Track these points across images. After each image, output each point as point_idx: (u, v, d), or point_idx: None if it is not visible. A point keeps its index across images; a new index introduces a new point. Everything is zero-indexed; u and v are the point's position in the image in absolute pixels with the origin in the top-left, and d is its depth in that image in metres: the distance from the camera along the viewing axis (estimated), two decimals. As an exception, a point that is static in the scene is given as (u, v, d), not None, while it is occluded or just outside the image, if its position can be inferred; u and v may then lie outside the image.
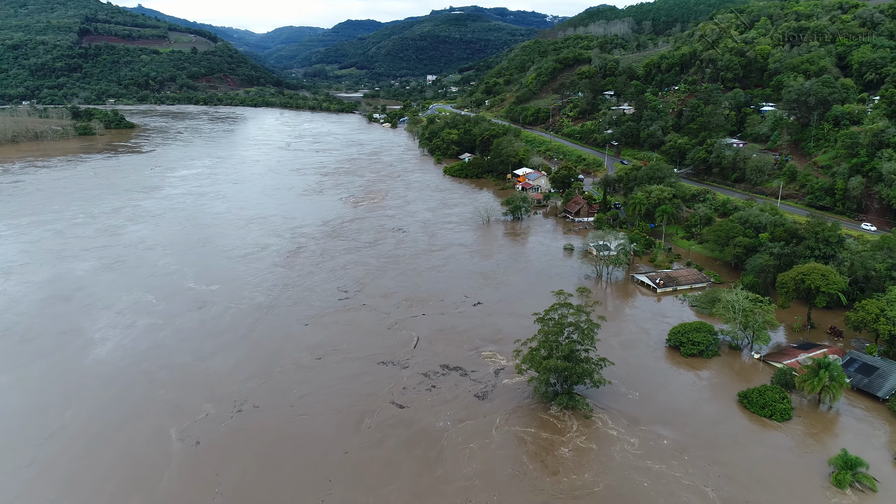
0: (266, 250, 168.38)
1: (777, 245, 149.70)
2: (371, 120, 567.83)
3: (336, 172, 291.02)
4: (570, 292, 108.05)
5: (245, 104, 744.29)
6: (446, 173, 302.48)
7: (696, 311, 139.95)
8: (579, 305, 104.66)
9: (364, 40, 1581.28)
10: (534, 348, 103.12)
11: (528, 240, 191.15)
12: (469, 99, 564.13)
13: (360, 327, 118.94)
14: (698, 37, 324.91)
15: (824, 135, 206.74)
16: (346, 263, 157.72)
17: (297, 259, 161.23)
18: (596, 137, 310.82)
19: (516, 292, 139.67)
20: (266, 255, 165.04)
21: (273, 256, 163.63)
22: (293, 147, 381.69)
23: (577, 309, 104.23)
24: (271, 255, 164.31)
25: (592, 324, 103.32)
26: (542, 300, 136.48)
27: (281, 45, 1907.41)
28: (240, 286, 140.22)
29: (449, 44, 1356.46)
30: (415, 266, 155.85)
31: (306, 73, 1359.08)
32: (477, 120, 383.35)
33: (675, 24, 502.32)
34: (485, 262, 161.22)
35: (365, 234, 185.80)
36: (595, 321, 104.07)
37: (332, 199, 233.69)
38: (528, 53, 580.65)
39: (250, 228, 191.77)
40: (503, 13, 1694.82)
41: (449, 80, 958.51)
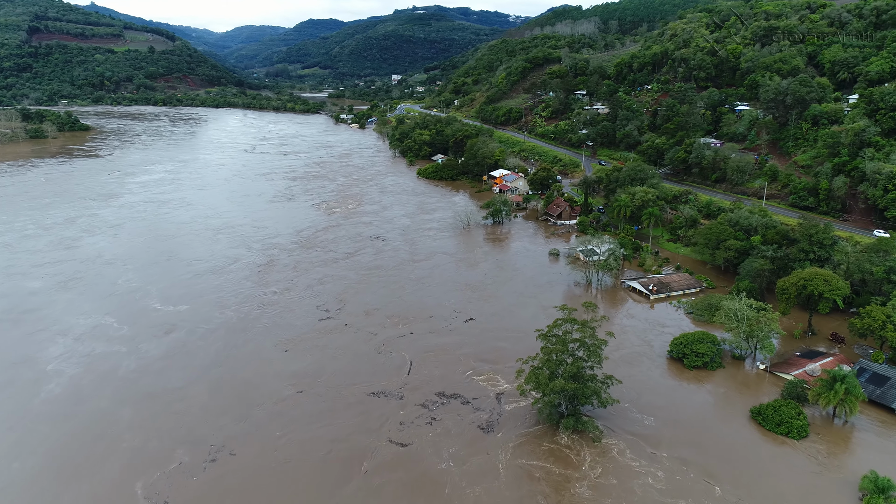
0: (237, 264, 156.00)
1: (770, 248, 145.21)
2: (338, 121, 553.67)
3: (306, 177, 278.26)
4: (573, 307, 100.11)
5: (206, 105, 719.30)
6: (420, 175, 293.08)
7: (694, 318, 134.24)
8: (584, 321, 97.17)
9: (327, 40, 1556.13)
10: (536, 367, 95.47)
11: (511, 245, 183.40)
12: (437, 99, 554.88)
13: (344, 351, 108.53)
14: (669, 36, 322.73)
15: (803, 134, 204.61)
16: (323, 277, 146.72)
17: (271, 273, 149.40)
18: (571, 138, 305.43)
19: (508, 305, 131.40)
20: (237, 269, 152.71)
21: (244, 271, 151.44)
22: (259, 150, 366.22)
23: (582, 324, 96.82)
24: (242, 270, 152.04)
25: (599, 340, 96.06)
26: (535, 313, 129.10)
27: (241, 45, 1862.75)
28: (210, 306, 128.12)
29: (413, 43, 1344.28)
30: (397, 278, 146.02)
31: (268, 72, 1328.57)
32: (449, 120, 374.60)
33: (642, 24, 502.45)
34: (471, 271, 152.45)
35: (342, 243, 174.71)
36: (602, 337, 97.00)
37: (304, 205, 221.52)
38: (495, 53, 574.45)
39: (218, 239, 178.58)
40: (466, 13, 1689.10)
41: (414, 79, 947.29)
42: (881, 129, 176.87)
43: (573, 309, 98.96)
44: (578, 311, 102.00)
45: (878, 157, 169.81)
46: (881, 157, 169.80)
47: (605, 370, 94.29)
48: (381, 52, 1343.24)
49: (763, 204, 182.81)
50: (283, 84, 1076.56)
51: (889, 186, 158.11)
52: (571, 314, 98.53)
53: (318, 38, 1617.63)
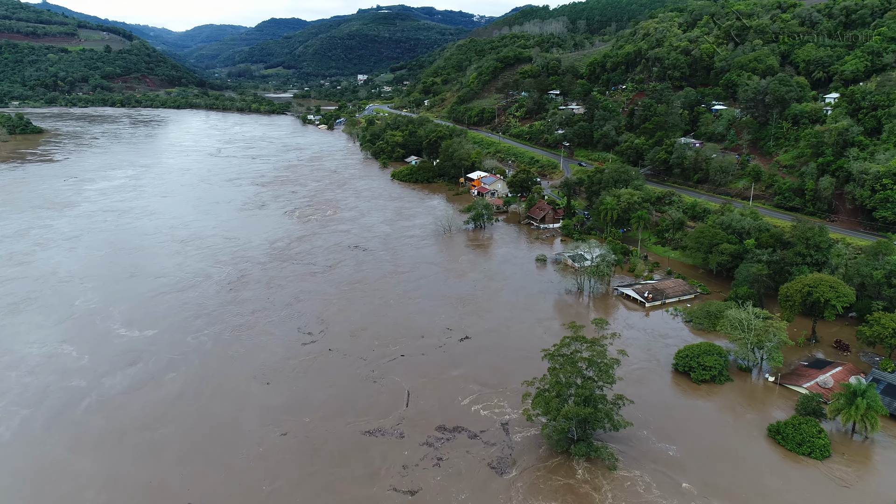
0: (207, 280, 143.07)
1: (765, 252, 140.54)
2: (305, 122, 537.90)
3: (276, 182, 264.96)
4: (581, 323, 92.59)
5: (167, 106, 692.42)
6: (394, 178, 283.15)
7: (693, 327, 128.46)
8: (594, 339, 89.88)
9: (290, 39, 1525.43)
10: (543, 389, 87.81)
11: (496, 252, 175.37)
12: (407, 99, 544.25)
13: (332, 382, 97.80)
14: (642, 35, 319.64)
15: (783, 133, 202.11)
16: (301, 294, 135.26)
17: (244, 291, 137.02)
18: (547, 138, 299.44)
19: (502, 319, 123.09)
20: (207, 286, 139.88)
21: (215, 288, 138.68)
22: (225, 153, 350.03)
23: (591, 342, 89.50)
24: (213, 287, 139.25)
25: (611, 360, 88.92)
26: (532, 327, 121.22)
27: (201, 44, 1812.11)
28: (179, 330, 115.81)
29: (378, 43, 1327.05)
30: (382, 293, 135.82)
31: (230, 72, 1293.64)
32: (421, 121, 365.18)
33: (610, 24, 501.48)
34: (459, 283, 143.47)
35: (319, 254, 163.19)
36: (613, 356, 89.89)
37: (276, 213, 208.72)
38: (464, 52, 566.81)
39: (186, 253, 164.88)
40: (431, 12, 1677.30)
41: (381, 79, 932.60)
42: (864, 128, 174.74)
43: (581, 326, 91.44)
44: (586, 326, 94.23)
45: (863, 156, 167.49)
46: (865, 156, 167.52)
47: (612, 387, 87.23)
48: (346, 51, 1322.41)
49: (745, 205, 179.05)
50: (246, 84, 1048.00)
51: (876, 186, 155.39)
52: (580, 331, 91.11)
53: (281, 37, 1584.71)
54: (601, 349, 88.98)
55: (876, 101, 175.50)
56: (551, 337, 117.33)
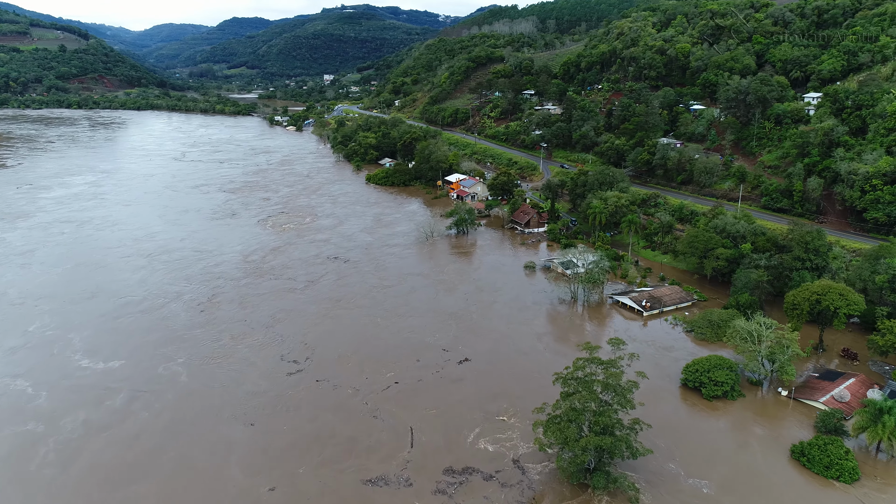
0: (178, 301, 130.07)
1: (762, 257, 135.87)
2: (273, 123, 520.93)
3: (246, 188, 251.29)
4: (597, 344, 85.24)
5: (127, 107, 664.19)
6: (370, 181, 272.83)
7: (695, 337, 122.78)
8: (611, 360, 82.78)
9: (253, 38, 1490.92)
10: (555, 416, 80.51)
11: (483, 259, 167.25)
12: (376, 99, 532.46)
13: (325, 419, 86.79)
14: (616, 35, 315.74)
15: (766, 133, 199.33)
16: (281, 314, 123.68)
17: (219, 311, 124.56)
18: (524, 139, 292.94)
19: (500, 337, 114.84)
20: (178, 307, 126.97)
21: (187, 310, 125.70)
22: (190, 157, 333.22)
23: (607, 364, 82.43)
24: (185, 309, 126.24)
25: (629, 383, 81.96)
26: (533, 345, 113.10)
27: (161, 44, 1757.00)
28: (150, 360, 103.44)
29: (344, 42, 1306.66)
30: (368, 310, 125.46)
31: (192, 73, 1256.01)
32: (394, 122, 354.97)
33: (580, 23, 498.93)
34: (450, 297, 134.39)
35: (297, 268, 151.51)
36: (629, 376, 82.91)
37: (249, 222, 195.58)
38: (433, 52, 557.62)
39: (153, 269, 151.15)
40: (396, 12, 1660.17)
41: (348, 79, 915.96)
42: (849, 128, 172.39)
43: (597, 347, 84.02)
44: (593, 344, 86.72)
45: (849, 156, 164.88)
46: (852, 156, 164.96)
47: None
48: (311, 51, 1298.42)
49: (739, 207, 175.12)
50: (208, 85, 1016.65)
51: (866, 187, 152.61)
52: (595, 352, 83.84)
53: (244, 37, 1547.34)
54: (618, 372, 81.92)
55: (860, 101, 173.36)
56: (553, 355, 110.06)
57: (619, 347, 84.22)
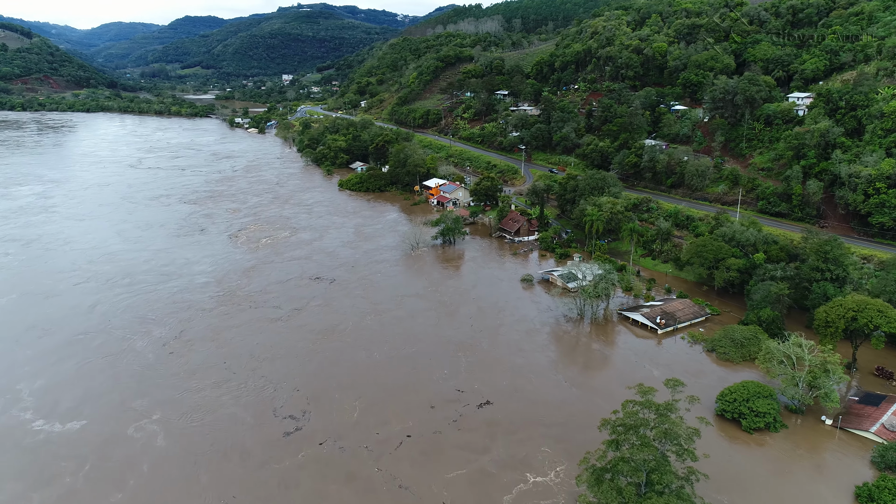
0: (145, 338, 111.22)
1: (777, 267, 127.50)
2: (233, 125, 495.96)
3: (211, 198, 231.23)
4: (650, 386, 73.82)
5: (76, 109, 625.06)
6: (343, 187, 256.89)
7: (718, 357, 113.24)
8: (667, 403, 71.85)
9: (208, 38, 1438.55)
10: (601, 469, 69.53)
11: (477, 274, 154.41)
12: (341, 100, 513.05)
13: (338, 496, 70.85)
14: (590, 34, 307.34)
15: (756, 135, 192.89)
16: (265, 352, 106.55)
17: (194, 351, 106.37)
18: (501, 141, 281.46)
19: (516, 370, 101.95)
20: (145, 347, 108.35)
21: (156, 350, 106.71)
22: (147, 164, 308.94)
23: (661, 409, 71.43)
24: (153, 348, 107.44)
25: (691, 430, 71.28)
26: (552, 376, 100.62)
27: (110, 43, 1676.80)
28: (117, 418, 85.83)
29: (302, 42, 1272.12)
30: (365, 343, 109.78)
31: (143, 73, 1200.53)
32: (364, 124, 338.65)
33: (547, 23, 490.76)
34: (452, 322, 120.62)
35: (277, 292, 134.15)
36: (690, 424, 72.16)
37: (219, 238, 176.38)
38: (398, 51, 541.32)
39: (113, 298, 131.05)
40: (353, 11, 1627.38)
41: (308, 79, 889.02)
42: (844, 129, 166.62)
43: (653, 389, 72.64)
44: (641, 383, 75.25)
45: (847, 158, 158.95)
46: (850, 158, 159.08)
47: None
48: (268, 50, 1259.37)
49: (737, 212, 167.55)
50: (162, 85, 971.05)
51: (869, 191, 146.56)
52: (650, 395, 72.59)
53: (198, 36, 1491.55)
54: (679, 420, 70.89)
55: (855, 101, 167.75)
56: (579, 390, 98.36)
57: (676, 389, 72.99)
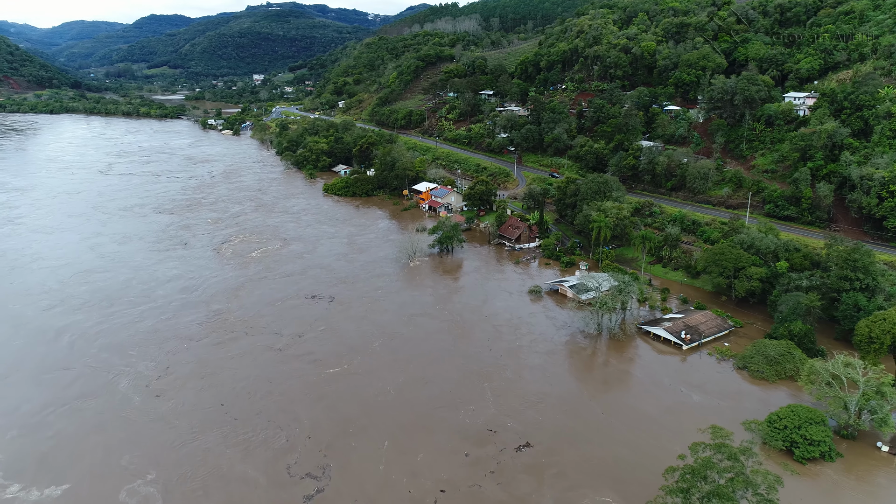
0: (127, 376, 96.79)
1: (803, 276, 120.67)
2: (206, 127, 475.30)
3: (190, 207, 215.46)
4: (726, 428, 64.96)
5: (38, 111, 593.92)
6: (327, 192, 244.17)
7: (751, 376, 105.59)
8: (744, 447, 63.39)
9: (174, 37, 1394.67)
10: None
11: (485, 287, 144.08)
12: (317, 100, 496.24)
13: None
14: (575, 33, 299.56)
15: (757, 136, 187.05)
16: (267, 391, 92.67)
17: (185, 391, 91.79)
18: (489, 143, 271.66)
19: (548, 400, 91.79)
20: (128, 388, 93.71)
21: (140, 391, 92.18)
22: (119, 170, 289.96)
23: (738, 454, 63.02)
24: (136, 389, 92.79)
25: (774, 478, 62.94)
26: (587, 405, 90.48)
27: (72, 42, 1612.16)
28: (105, 481, 72.41)
29: (272, 41, 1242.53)
30: (377, 374, 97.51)
31: (108, 73, 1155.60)
32: (346, 125, 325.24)
33: (526, 22, 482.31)
34: (467, 344, 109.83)
35: (272, 315, 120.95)
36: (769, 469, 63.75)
37: (203, 253, 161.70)
38: (374, 50, 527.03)
39: (90, 327, 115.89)
40: (324, 10, 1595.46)
41: (280, 79, 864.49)
42: (850, 130, 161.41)
43: (728, 433, 63.77)
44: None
45: (856, 159, 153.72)
46: (859, 159, 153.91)
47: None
48: (238, 50, 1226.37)
49: (747, 216, 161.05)
50: (128, 86, 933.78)
51: (883, 194, 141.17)
52: (726, 438, 63.93)
53: (164, 35, 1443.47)
54: (764, 471, 62.38)
55: (860, 101, 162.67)
56: (619, 420, 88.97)
57: (755, 431, 64.36)
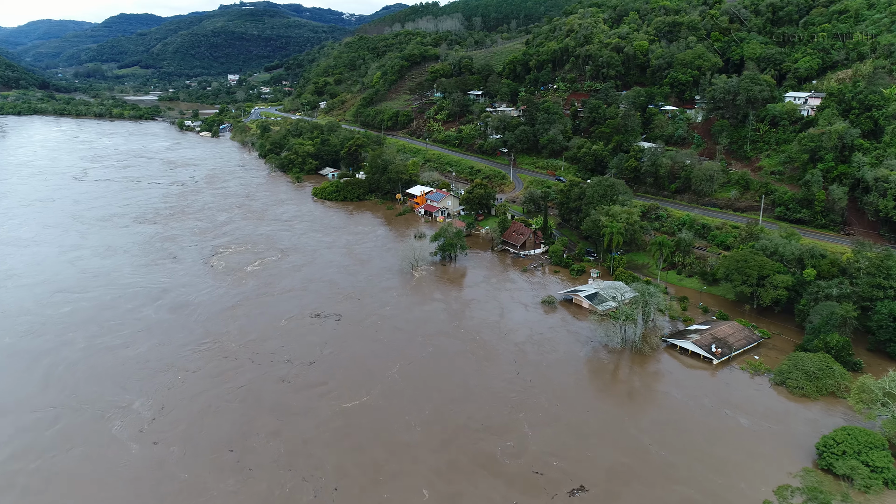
0: (124, 418, 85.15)
1: (832, 284, 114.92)
2: (183, 128, 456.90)
3: (174, 216, 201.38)
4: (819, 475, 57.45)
5: (5, 112, 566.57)
6: (317, 197, 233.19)
7: (790, 392, 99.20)
8: (842, 492, 55.91)
9: (146, 36, 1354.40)
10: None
11: (498, 298, 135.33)
12: (298, 101, 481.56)
13: None
14: (566, 32, 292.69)
15: (761, 136, 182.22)
16: (281, 430, 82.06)
17: (188, 437, 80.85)
18: (481, 144, 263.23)
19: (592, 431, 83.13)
20: (124, 430, 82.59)
21: (139, 434, 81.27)
22: (95, 175, 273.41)
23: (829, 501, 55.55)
24: (136, 433, 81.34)
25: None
26: (635, 439, 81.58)
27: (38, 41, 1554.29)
28: None
29: (246, 40, 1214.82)
30: (401, 407, 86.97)
31: (77, 73, 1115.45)
32: (331, 127, 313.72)
33: (509, 21, 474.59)
34: (493, 367, 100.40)
35: (276, 339, 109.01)
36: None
37: (195, 268, 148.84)
38: (355, 50, 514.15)
39: (75, 357, 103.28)
40: (298, 9, 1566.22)
41: (256, 79, 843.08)
42: (860, 130, 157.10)
43: (824, 477, 56.32)
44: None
45: (869, 160, 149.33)
46: (871, 160, 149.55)
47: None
48: (211, 49, 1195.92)
49: (760, 219, 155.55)
50: (98, 86, 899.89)
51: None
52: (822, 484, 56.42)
53: (135, 34, 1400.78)
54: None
55: (869, 101, 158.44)
56: (671, 453, 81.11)
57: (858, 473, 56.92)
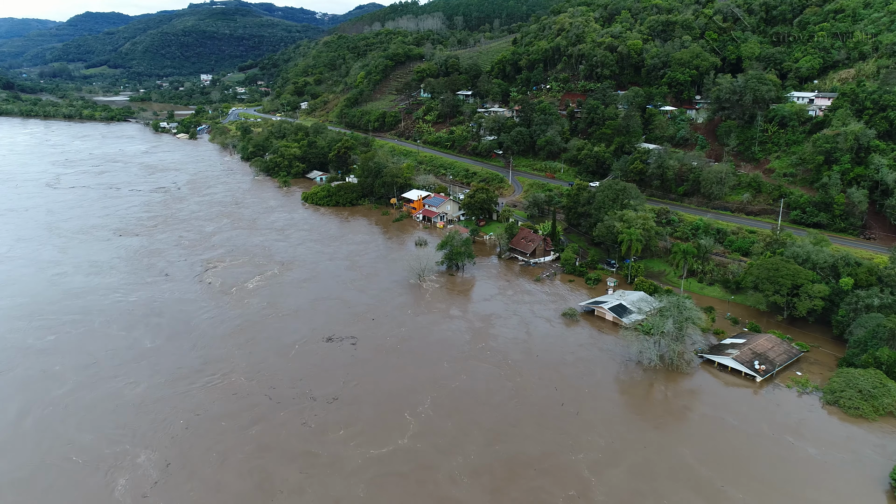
0: (128, 476, 72.81)
1: (872, 294, 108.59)
2: (159, 130, 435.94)
3: (159, 226, 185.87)
4: None
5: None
6: (308, 202, 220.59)
7: (845, 412, 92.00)
8: None
9: (113, 35, 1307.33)
10: None
11: (518, 311, 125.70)
12: (277, 102, 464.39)
13: None
14: (556, 31, 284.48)
15: (769, 137, 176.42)
16: (306, 487, 70.97)
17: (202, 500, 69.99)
18: (475, 146, 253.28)
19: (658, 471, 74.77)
20: (128, 494, 70.65)
21: (146, 499, 69.55)
22: (69, 182, 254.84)
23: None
24: (142, 497, 69.81)
25: None
26: (710, 488, 73.33)
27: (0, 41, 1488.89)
28: None
29: (218, 40, 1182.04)
30: (439, 449, 77.08)
31: (42, 73, 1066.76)
32: (317, 129, 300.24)
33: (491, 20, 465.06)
34: (532, 395, 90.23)
35: (291, 371, 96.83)
36: None
37: (187, 284, 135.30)
38: (334, 49, 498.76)
39: (64, 400, 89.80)
40: (270, 9, 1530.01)
41: (230, 79, 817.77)
42: (876, 131, 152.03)
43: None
44: None
45: (887, 162, 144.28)
46: (889, 162, 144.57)
47: None
48: (182, 49, 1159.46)
49: (778, 224, 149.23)
50: (66, 86, 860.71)
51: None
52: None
53: (102, 33, 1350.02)
54: None
55: (885, 102, 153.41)
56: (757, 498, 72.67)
57: None
